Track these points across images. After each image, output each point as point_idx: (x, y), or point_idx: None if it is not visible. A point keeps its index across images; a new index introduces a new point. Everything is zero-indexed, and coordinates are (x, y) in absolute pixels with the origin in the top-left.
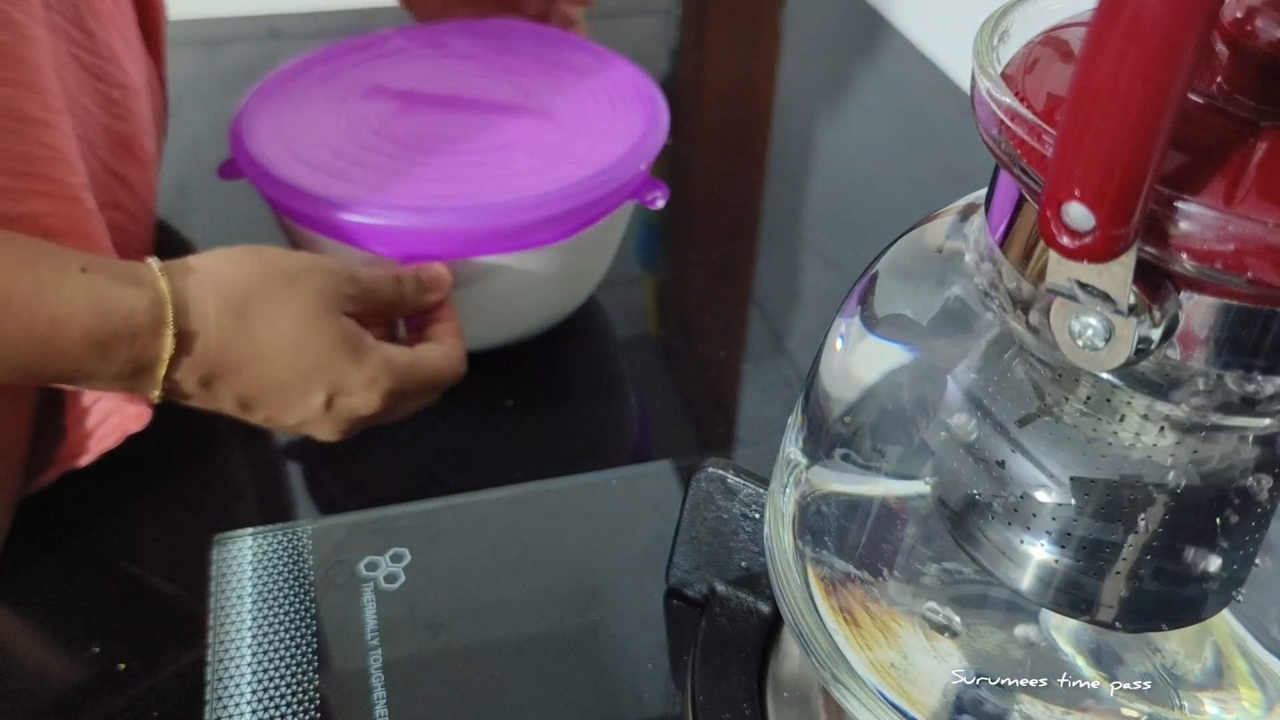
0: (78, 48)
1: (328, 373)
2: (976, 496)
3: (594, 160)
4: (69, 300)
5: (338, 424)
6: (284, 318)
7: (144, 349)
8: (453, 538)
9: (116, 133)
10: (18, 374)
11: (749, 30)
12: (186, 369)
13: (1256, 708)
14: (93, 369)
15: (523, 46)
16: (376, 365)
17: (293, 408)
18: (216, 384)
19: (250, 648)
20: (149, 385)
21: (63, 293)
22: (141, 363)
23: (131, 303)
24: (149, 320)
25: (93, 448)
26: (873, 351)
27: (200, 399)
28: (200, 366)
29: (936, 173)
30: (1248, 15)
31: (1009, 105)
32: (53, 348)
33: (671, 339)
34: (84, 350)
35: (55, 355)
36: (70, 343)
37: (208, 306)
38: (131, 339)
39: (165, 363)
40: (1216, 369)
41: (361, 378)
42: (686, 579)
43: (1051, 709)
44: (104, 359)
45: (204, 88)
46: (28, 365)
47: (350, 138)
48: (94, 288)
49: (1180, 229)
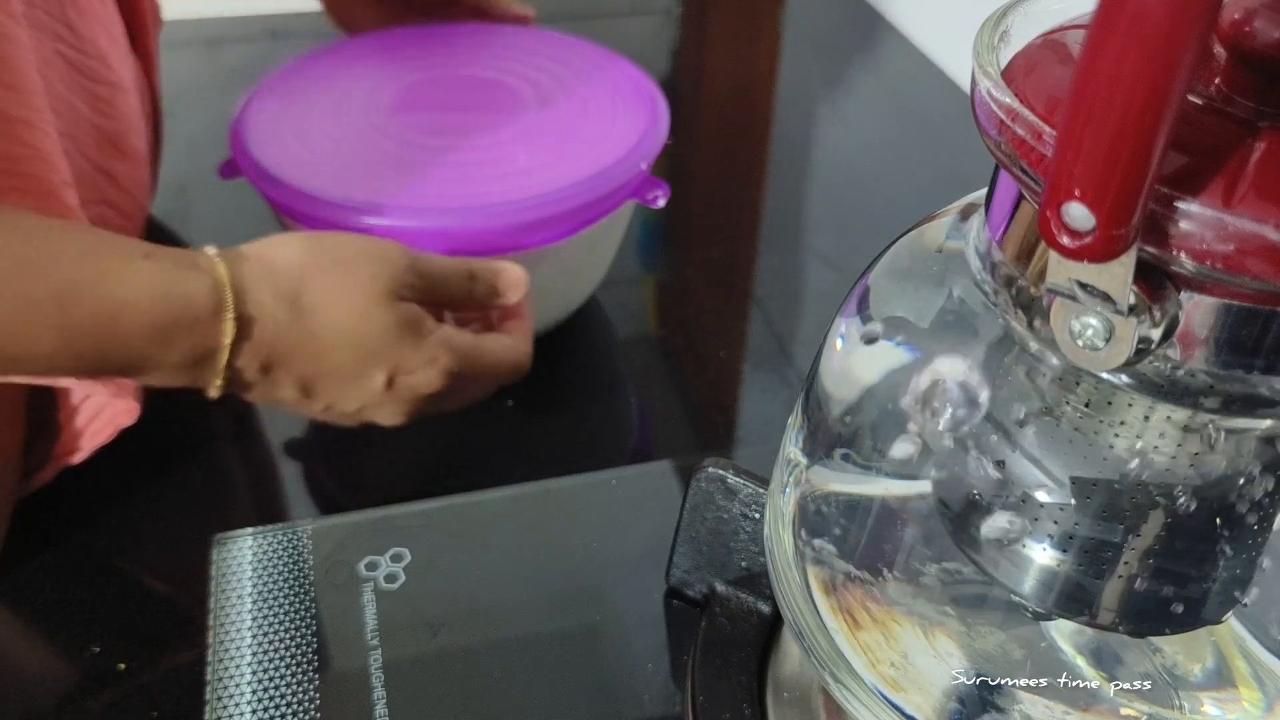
0: (63, 44)
1: (386, 356)
2: (977, 498)
3: (594, 160)
4: (133, 287)
5: (400, 404)
6: (335, 306)
7: (205, 335)
8: (453, 538)
9: (104, 130)
10: (83, 363)
11: (749, 30)
12: (247, 355)
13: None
14: (156, 357)
15: (522, 47)
16: (436, 345)
17: (353, 392)
18: (276, 371)
19: (250, 648)
20: (211, 374)
21: (127, 279)
22: (203, 350)
23: (192, 288)
24: (209, 305)
25: (86, 444)
26: (873, 351)
27: (262, 388)
28: (260, 353)
29: (936, 173)
30: (1246, 17)
31: (1009, 105)
32: (118, 335)
33: (671, 339)
34: (147, 337)
35: (120, 343)
36: (135, 330)
37: (263, 292)
38: (193, 325)
39: (227, 349)
40: (1217, 369)
41: (422, 357)
42: (686, 579)
43: (1051, 709)
44: (166, 346)
45: (204, 88)
46: (93, 354)
47: (350, 137)
48: (156, 274)
49: (1180, 229)
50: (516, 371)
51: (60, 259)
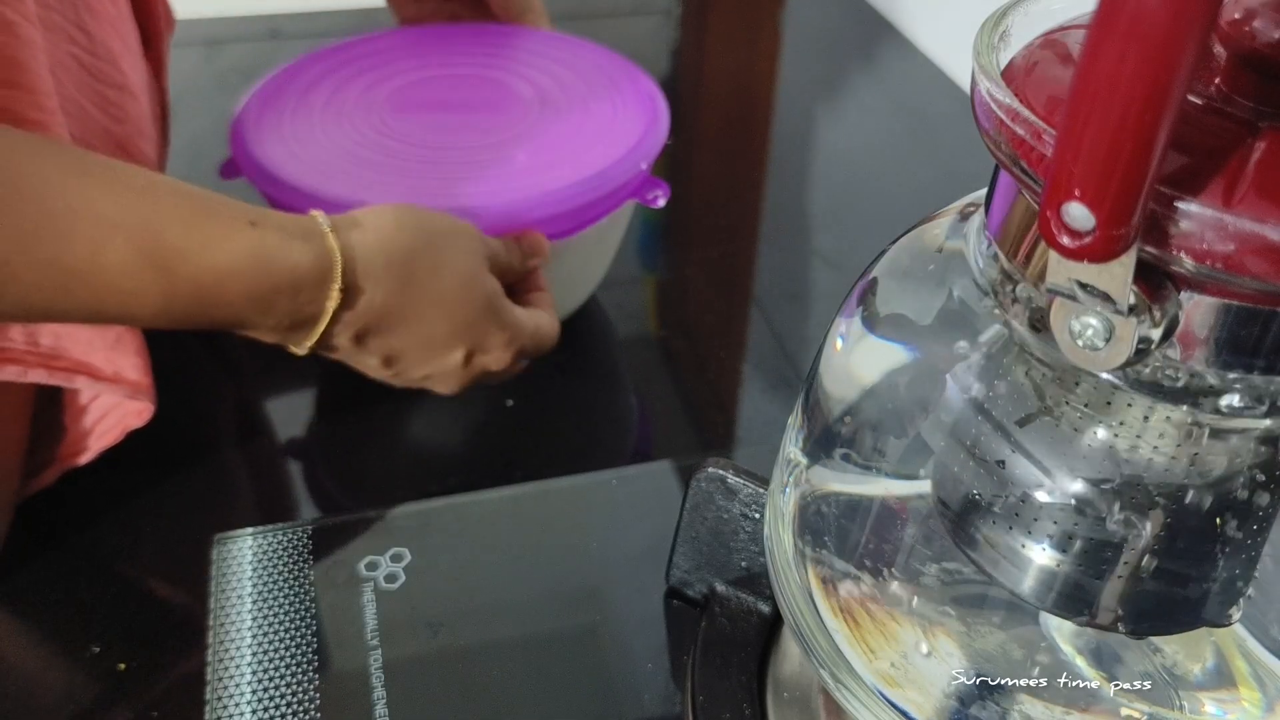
0: (76, 47)
1: (476, 331)
2: (976, 498)
3: (595, 159)
4: (235, 255)
5: (466, 379)
6: (446, 275)
7: (307, 303)
8: (453, 538)
9: (114, 133)
10: (177, 323)
11: (749, 30)
12: (345, 324)
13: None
14: (255, 320)
15: (522, 47)
16: (513, 326)
17: (431, 362)
18: (369, 339)
19: (250, 648)
20: (305, 338)
21: (230, 247)
22: (302, 316)
23: (296, 258)
24: (314, 275)
25: (93, 445)
26: (873, 351)
27: (346, 353)
28: (359, 322)
29: (936, 173)
30: (1246, 17)
31: (1009, 105)
32: (217, 300)
33: (671, 339)
34: (245, 303)
35: (218, 307)
36: (233, 296)
37: (376, 263)
38: (294, 293)
39: (328, 315)
40: (1217, 369)
41: (502, 337)
42: (686, 579)
43: (1051, 709)
44: (264, 312)
45: (204, 88)
46: (193, 316)
47: (350, 137)
48: (260, 242)
49: (1180, 229)
50: (553, 345)
51: (169, 225)
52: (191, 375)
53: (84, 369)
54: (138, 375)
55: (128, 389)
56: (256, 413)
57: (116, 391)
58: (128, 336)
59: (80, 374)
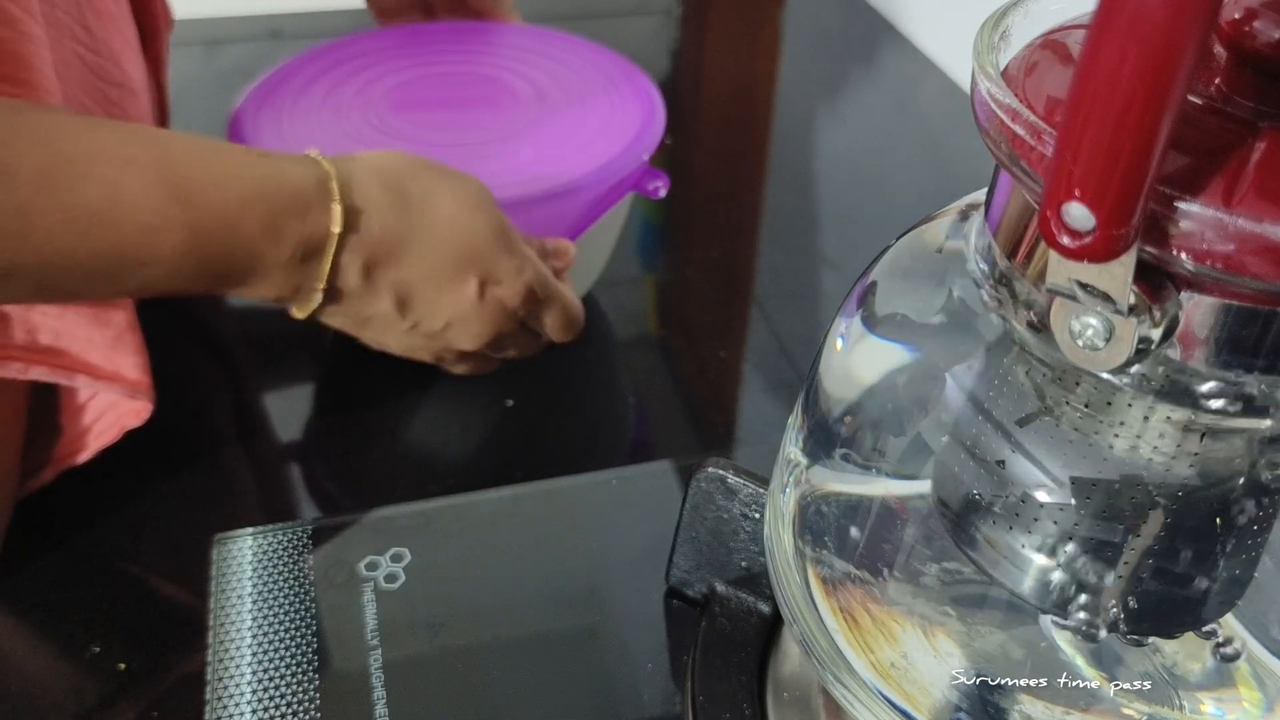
0: (79, 45)
1: (483, 257)
2: (977, 498)
3: (596, 153)
4: (250, 182)
5: (485, 322)
6: (444, 199)
7: (315, 224)
8: (453, 538)
9: None
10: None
11: (749, 30)
12: (352, 250)
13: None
14: (271, 253)
15: (517, 44)
16: (524, 255)
17: (446, 299)
18: (377, 272)
19: (250, 648)
20: (316, 275)
21: (244, 176)
22: (313, 242)
23: (300, 178)
24: (318, 195)
25: (91, 443)
26: (873, 351)
27: (360, 296)
28: (364, 248)
29: (936, 173)
30: (1246, 17)
31: (1009, 105)
32: (238, 232)
33: (671, 339)
34: (263, 232)
35: (240, 241)
36: (251, 226)
37: (371, 185)
38: (304, 214)
39: (335, 239)
40: (1217, 369)
41: (513, 265)
42: (686, 579)
43: (1051, 709)
44: (279, 241)
45: (204, 88)
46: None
47: (349, 134)
48: (270, 165)
49: (1180, 229)
50: (579, 322)
51: (186, 160)
52: (191, 375)
53: (84, 367)
54: (137, 374)
55: (127, 388)
56: (256, 413)
57: (116, 390)
58: (127, 335)
59: (80, 372)
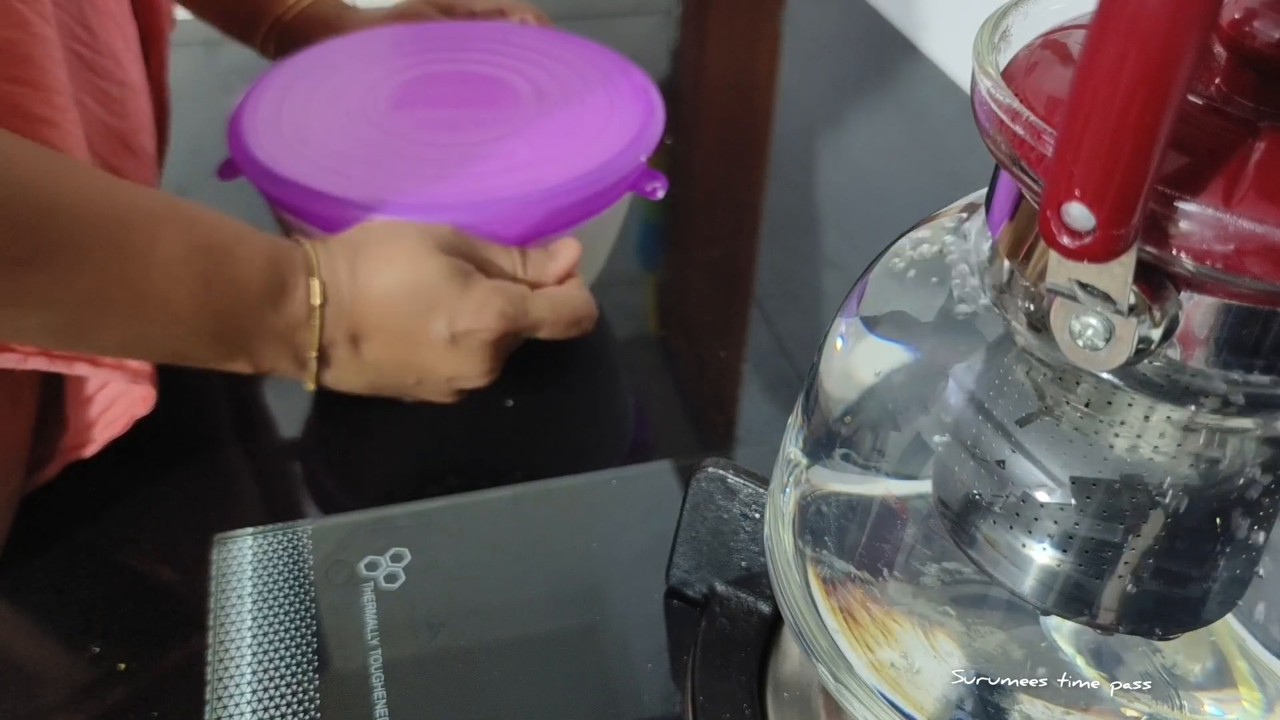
0: (80, 44)
1: (441, 301)
2: (977, 498)
3: (594, 153)
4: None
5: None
6: (390, 267)
7: (303, 296)
8: (453, 538)
9: (115, 129)
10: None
11: (749, 30)
12: (334, 318)
13: (1257, 708)
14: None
15: (516, 43)
16: (485, 290)
17: (426, 355)
18: (362, 343)
19: (250, 648)
20: (307, 343)
21: (252, 244)
22: (302, 312)
23: (294, 253)
24: (304, 266)
25: (98, 436)
26: (873, 351)
27: (351, 365)
28: (344, 317)
29: (936, 173)
30: (1246, 17)
31: (1009, 105)
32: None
33: (671, 339)
34: (265, 298)
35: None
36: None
37: (335, 260)
38: (295, 288)
39: (318, 311)
40: (1217, 369)
41: (473, 300)
42: (686, 579)
43: (1051, 709)
44: (277, 309)
45: (204, 88)
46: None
47: (349, 134)
48: (268, 241)
49: (1180, 229)
50: (584, 317)
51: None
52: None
53: (84, 355)
54: (138, 363)
55: (129, 374)
56: (256, 413)
57: (118, 377)
58: None
59: (80, 360)
